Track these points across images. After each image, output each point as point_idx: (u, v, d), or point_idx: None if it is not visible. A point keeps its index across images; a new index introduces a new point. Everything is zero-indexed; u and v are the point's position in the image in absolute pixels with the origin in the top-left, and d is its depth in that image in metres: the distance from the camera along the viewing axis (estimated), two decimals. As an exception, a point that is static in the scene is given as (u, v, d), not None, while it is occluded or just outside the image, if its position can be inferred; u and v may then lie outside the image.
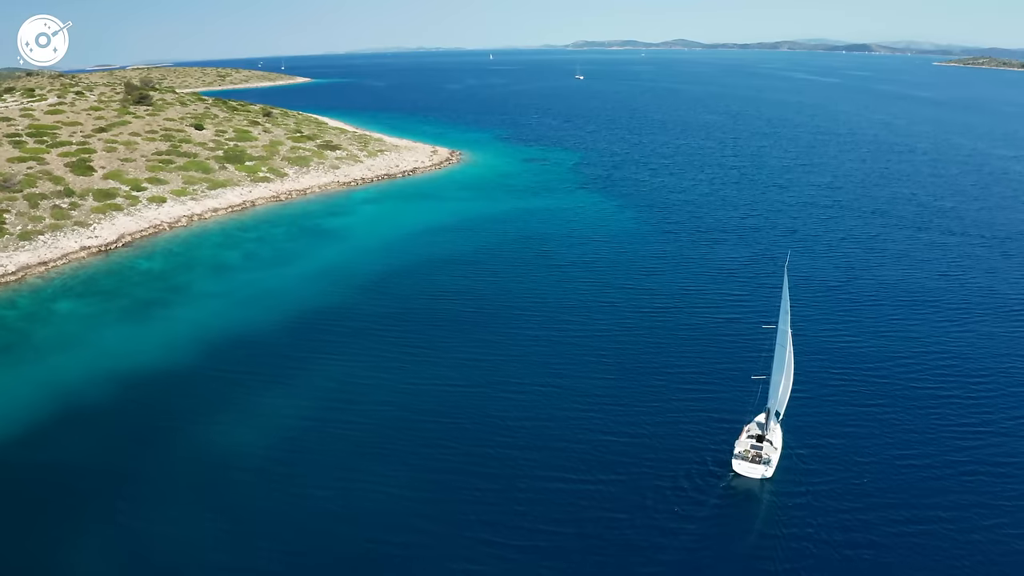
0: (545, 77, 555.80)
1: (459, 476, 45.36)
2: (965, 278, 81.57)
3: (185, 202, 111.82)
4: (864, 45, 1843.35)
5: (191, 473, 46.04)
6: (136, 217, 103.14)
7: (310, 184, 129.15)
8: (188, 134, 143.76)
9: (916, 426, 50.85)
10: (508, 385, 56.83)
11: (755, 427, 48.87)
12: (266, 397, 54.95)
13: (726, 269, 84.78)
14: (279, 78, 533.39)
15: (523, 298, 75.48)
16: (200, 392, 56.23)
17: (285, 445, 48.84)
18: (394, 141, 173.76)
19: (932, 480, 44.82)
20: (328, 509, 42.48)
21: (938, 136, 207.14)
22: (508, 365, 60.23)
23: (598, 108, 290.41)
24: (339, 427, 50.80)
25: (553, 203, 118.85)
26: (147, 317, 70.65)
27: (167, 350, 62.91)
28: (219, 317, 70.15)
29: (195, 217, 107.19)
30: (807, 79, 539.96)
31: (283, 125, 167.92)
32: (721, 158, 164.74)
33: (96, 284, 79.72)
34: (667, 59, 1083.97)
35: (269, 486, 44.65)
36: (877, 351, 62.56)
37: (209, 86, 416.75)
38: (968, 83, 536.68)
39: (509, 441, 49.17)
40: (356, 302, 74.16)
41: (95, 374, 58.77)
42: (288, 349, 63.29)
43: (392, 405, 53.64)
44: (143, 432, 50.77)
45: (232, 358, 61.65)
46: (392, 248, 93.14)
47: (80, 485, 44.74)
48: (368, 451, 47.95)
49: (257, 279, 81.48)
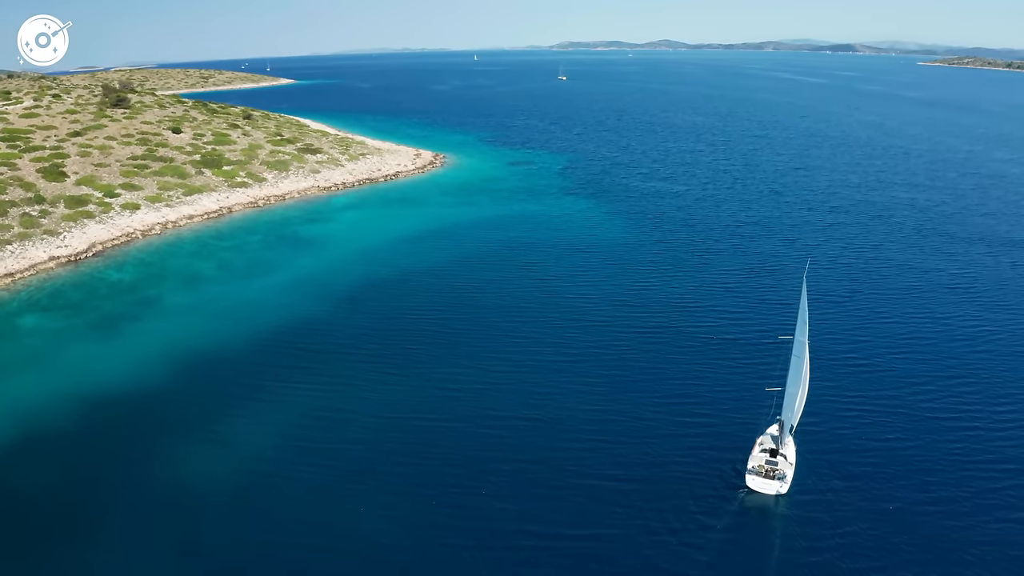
0: (531, 78, 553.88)
1: (444, 510, 42.82)
2: (975, 291, 78.67)
3: (159, 209, 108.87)
4: (848, 45, 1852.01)
5: (156, 502, 43.47)
6: (108, 225, 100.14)
7: (289, 189, 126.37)
8: (165, 138, 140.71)
9: (936, 440, 49.54)
10: (496, 409, 53.79)
11: (768, 440, 47.31)
12: (237, 421, 52.28)
13: (724, 281, 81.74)
14: (263, 79, 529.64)
15: (510, 314, 72.20)
16: (168, 415, 53.61)
17: (256, 474, 46.24)
18: (377, 144, 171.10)
19: (957, 501, 43.35)
20: (302, 543, 40.06)
21: (932, 138, 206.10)
22: (495, 388, 57.02)
23: (585, 110, 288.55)
24: (313, 455, 48.09)
25: (540, 209, 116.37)
26: (114, 333, 67.91)
27: (134, 369, 60.20)
28: (189, 333, 67.34)
29: (169, 224, 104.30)
30: (794, 79, 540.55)
31: (263, 128, 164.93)
32: (713, 162, 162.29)
33: (63, 297, 76.85)
34: (653, 60, 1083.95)
35: (239, 518, 42.17)
36: (890, 364, 60.62)
37: (192, 88, 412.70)
38: (955, 83, 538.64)
39: (503, 468, 46.63)
40: (333, 317, 71.47)
41: (58, 395, 55.98)
42: (261, 368, 60.56)
43: (369, 430, 50.95)
44: (106, 458, 48.19)
45: (202, 378, 58.95)
46: (371, 257, 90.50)
47: (38, 514, 42.14)
48: (344, 482, 45.27)
49: (231, 291, 78.71)
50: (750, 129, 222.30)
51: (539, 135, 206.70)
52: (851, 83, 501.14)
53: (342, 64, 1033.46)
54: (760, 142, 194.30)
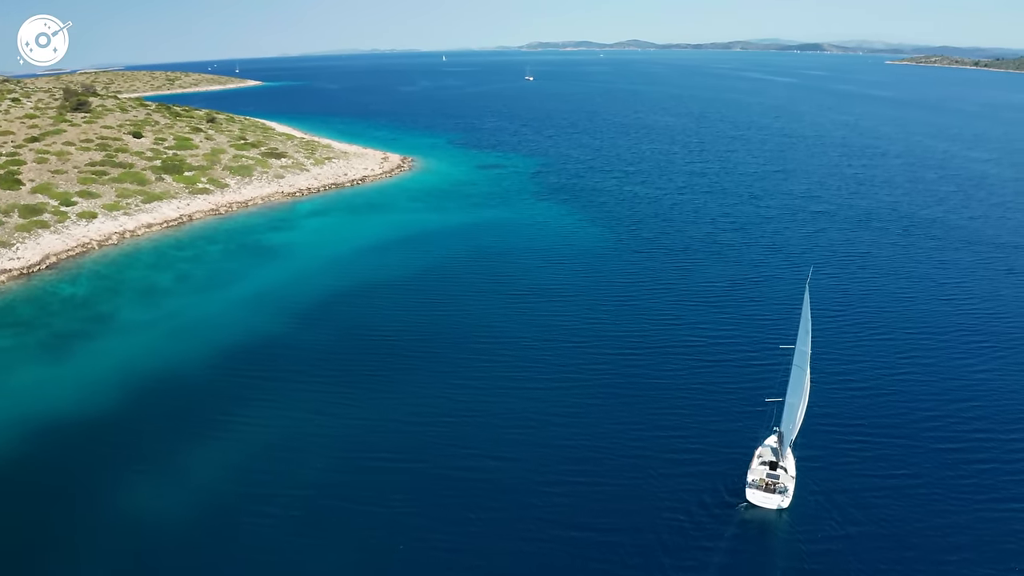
0: (500, 79, 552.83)
1: (417, 545, 40.58)
2: (969, 301, 76.58)
3: (117, 217, 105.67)
4: (816, 44, 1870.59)
5: (102, 540, 41.11)
6: (63, 235, 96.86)
7: (252, 195, 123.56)
8: (125, 143, 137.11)
9: (937, 449, 48.97)
10: (467, 445, 50.12)
11: (768, 453, 45.95)
12: (191, 451, 49.61)
13: (706, 293, 79.00)
14: (230, 81, 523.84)
15: (481, 332, 68.53)
16: (118, 444, 50.88)
17: (209, 509, 43.74)
18: (343, 147, 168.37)
19: (962, 514, 42.60)
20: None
21: (907, 138, 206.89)
22: (465, 420, 53.46)
23: (556, 111, 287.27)
24: (269, 492, 45.25)
25: (511, 215, 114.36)
26: (65, 353, 65.04)
27: (84, 393, 57.39)
28: (143, 353, 64.56)
29: (127, 234, 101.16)
30: (764, 79, 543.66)
31: (227, 132, 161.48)
32: (689, 164, 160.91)
33: (13, 313, 73.77)
34: (622, 60, 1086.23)
35: (188, 558, 39.89)
36: (889, 380, 59.12)
37: (157, 91, 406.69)
38: (923, 82, 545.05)
39: (474, 517, 44.18)
40: (294, 334, 68.82)
41: (2, 421, 53.14)
42: (220, 390, 58.00)
43: (329, 467, 47.76)
44: (53, 490, 45.54)
45: (155, 403, 56.14)
46: (335, 269, 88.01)
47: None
48: (301, 524, 42.41)
49: (188, 306, 75.97)
50: (724, 130, 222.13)
51: (510, 137, 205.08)
52: (821, 82, 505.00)
53: (311, 65, 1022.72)
54: (735, 143, 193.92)
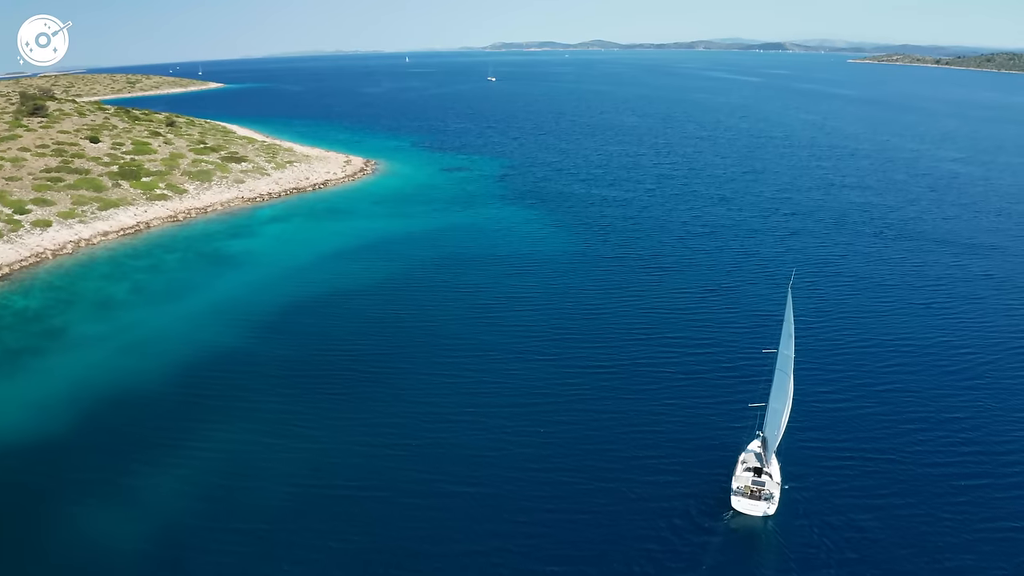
0: (464, 79, 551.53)
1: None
2: (952, 309, 75.84)
3: (72, 226, 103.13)
4: (778, 44, 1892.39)
5: (51, 572, 39.62)
6: (16, 245, 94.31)
7: (211, 201, 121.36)
8: (82, 148, 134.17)
9: (922, 452, 49.23)
10: (432, 478, 47.10)
11: (752, 458, 45.35)
12: (146, 475, 47.78)
13: (681, 301, 77.33)
14: (191, 84, 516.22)
15: (446, 347, 65.92)
16: (68, 468, 48.90)
17: (162, 542, 41.90)
18: (305, 151, 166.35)
19: (952, 520, 42.52)
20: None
21: (875, 138, 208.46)
22: (430, 446, 50.66)
23: (522, 112, 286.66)
24: (228, 519, 43.55)
25: (477, 221, 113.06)
26: (14, 370, 63.01)
27: (33, 414, 55.37)
28: (98, 369, 62.67)
29: (83, 243, 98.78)
30: (728, 78, 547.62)
31: (186, 136, 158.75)
32: (657, 166, 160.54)
33: (-40, 328, 71.58)
34: (586, 60, 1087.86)
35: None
36: (871, 389, 58.75)
37: (118, 93, 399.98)
38: (886, 80, 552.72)
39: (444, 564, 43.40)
40: (253, 347, 67.10)
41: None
42: (174, 409, 56.09)
43: (292, 483, 46.24)
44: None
45: (108, 424, 54.16)
46: (295, 277, 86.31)
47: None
48: (257, 561, 40.46)
49: (144, 319, 73.99)
50: (691, 131, 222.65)
51: (475, 139, 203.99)
52: (785, 82, 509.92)
53: (274, 67, 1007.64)
54: (703, 144, 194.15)
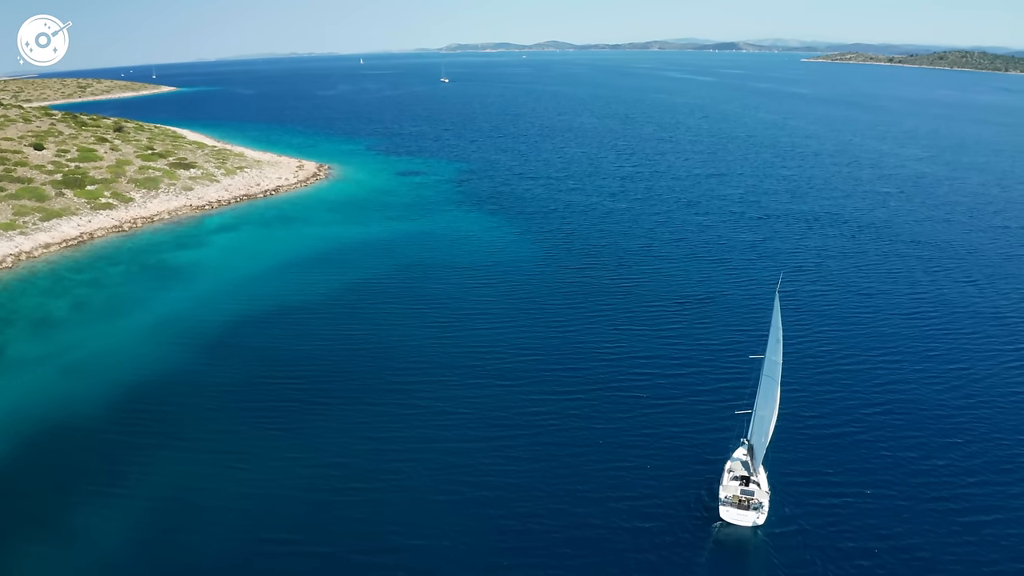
0: (420, 81, 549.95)
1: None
2: (933, 316, 75.20)
3: (12, 238, 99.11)
4: (732, 43, 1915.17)
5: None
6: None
7: (159, 210, 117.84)
8: (25, 155, 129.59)
9: (909, 457, 49.13)
10: (387, 522, 43.88)
11: (739, 467, 44.56)
12: (86, 510, 45.16)
13: (652, 310, 76.05)
14: (143, 88, 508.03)
15: (404, 367, 63.56)
16: (3, 501, 46.30)
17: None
18: (256, 156, 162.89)
19: (935, 524, 42.53)
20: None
21: (838, 137, 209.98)
22: (388, 483, 47.79)
23: (479, 113, 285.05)
24: (175, 550, 41.53)
25: (435, 228, 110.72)
26: (-54, 395, 59.78)
27: (-37, 442, 52.52)
28: (35, 394, 59.46)
29: (23, 255, 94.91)
30: (684, 78, 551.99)
31: (134, 141, 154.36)
32: (619, 168, 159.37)
33: None
34: (542, 61, 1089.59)
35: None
36: (857, 381, 59.32)
37: (68, 98, 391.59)
38: (841, 79, 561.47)
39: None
40: (200, 368, 64.15)
41: None
42: (117, 437, 53.27)
43: (235, 530, 43.44)
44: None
45: (45, 456, 51.38)
46: (246, 290, 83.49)
47: None
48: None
49: (85, 338, 70.60)
50: (652, 132, 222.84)
51: (431, 142, 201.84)
52: (741, 81, 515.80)
53: (227, 70, 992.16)
54: (665, 145, 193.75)
